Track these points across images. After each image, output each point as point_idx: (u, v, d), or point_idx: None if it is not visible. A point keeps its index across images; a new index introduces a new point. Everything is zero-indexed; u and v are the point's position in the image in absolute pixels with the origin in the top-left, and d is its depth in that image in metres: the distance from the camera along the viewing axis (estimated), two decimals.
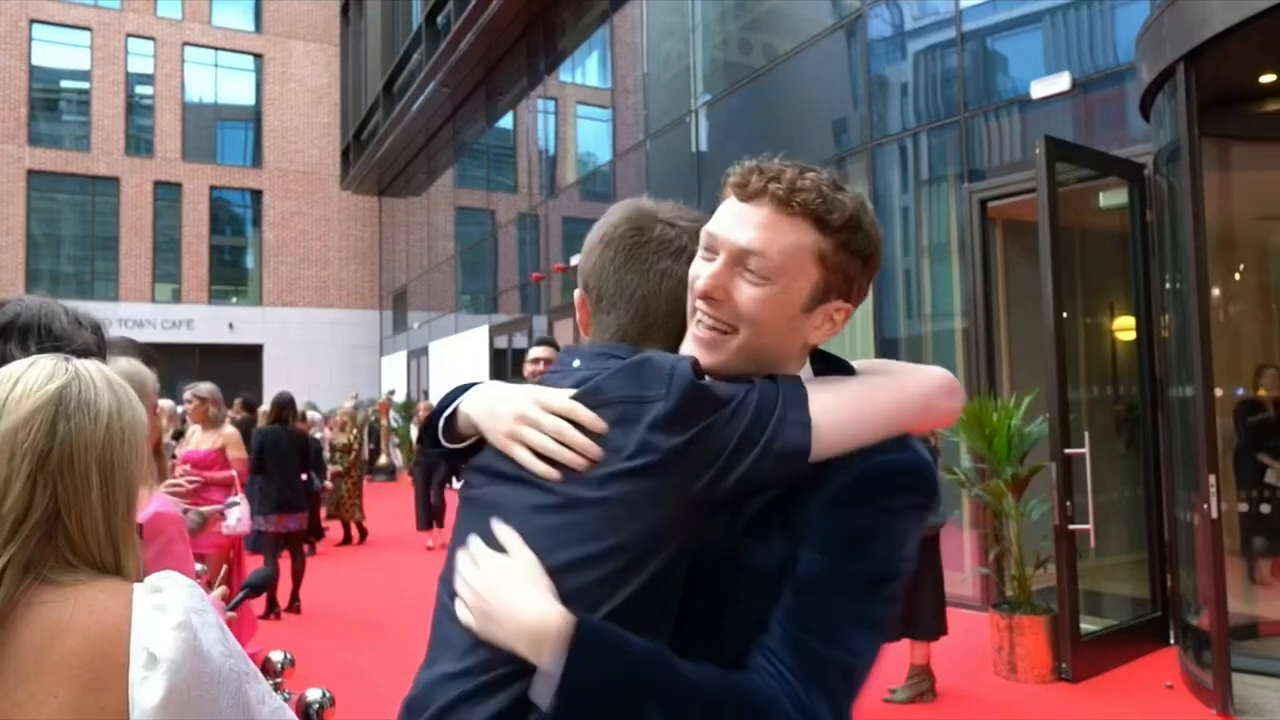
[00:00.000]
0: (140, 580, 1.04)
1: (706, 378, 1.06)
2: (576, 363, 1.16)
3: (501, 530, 1.06)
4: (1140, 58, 5.23)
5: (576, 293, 1.24)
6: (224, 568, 2.04)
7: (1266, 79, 5.27)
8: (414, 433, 9.62)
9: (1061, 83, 6.61)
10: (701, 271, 1.09)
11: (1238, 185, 5.95)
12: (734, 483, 1.03)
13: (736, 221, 1.08)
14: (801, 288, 1.07)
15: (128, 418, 1.08)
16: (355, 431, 11.06)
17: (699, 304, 1.09)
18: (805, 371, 1.16)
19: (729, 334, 1.08)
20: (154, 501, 1.78)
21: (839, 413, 1.06)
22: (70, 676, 0.94)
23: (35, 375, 1.04)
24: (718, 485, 1.02)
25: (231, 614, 1.89)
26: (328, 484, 8.71)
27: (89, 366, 1.09)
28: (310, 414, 11.61)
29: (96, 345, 1.44)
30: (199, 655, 0.98)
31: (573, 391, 1.08)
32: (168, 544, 1.68)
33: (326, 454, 10.45)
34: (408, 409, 17.12)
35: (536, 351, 4.17)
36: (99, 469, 1.03)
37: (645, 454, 1.01)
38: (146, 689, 0.94)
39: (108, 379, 1.09)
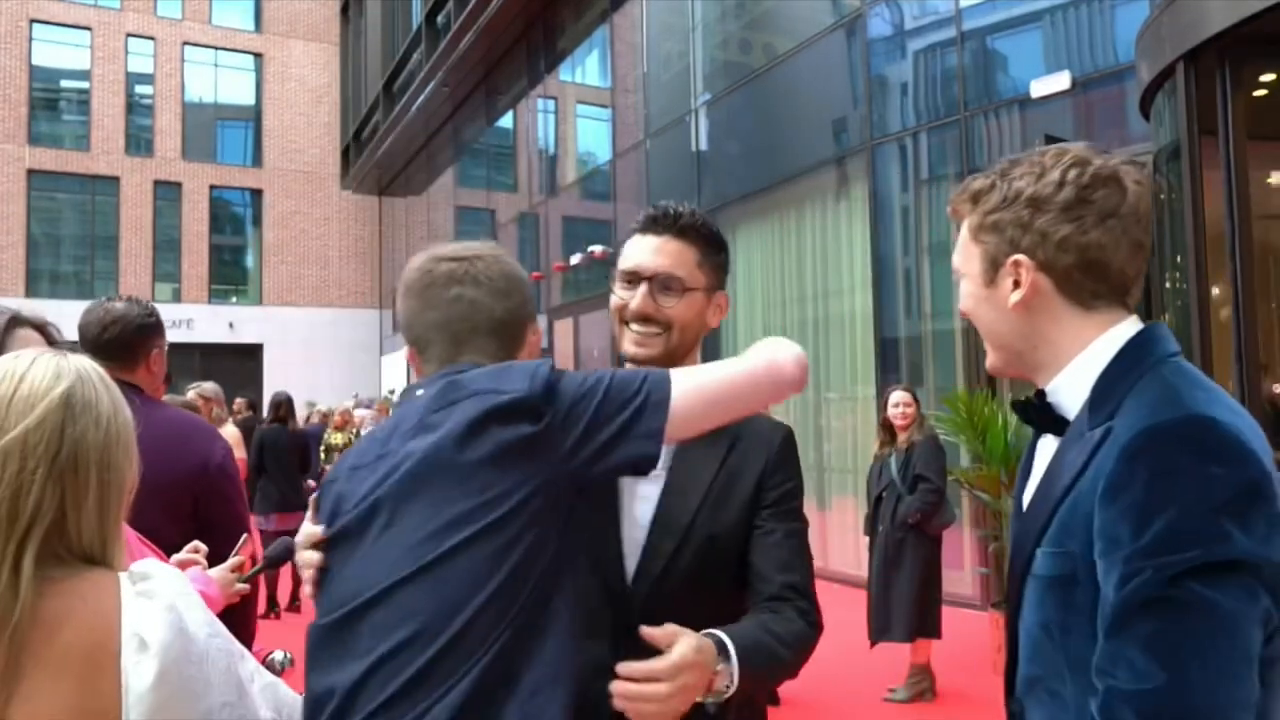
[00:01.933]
0: (124, 569, 1.07)
1: (561, 375, 1.25)
2: (420, 392, 1.31)
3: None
4: (1140, 57, 5.24)
5: (405, 349, 1.47)
6: (243, 537, 2.03)
7: (1266, 78, 5.27)
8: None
9: (1061, 82, 6.61)
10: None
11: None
12: (591, 456, 1.21)
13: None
14: (973, 268, 1.23)
15: (122, 419, 1.11)
16: (355, 430, 10.97)
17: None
18: (1108, 345, 1.21)
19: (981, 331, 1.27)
20: None
21: (694, 394, 1.25)
22: (68, 667, 0.97)
23: (40, 374, 1.06)
24: (575, 458, 1.20)
25: (244, 586, 1.90)
26: (310, 482, 8.70)
27: (85, 365, 1.11)
28: (319, 407, 11.53)
29: None
30: (186, 636, 1.01)
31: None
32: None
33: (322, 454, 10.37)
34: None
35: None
36: (99, 470, 1.06)
37: (520, 431, 1.19)
38: (139, 672, 0.98)
39: (103, 379, 1.12)
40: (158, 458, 2.26)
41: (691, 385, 1.26)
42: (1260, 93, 5.30)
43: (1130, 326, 1.15)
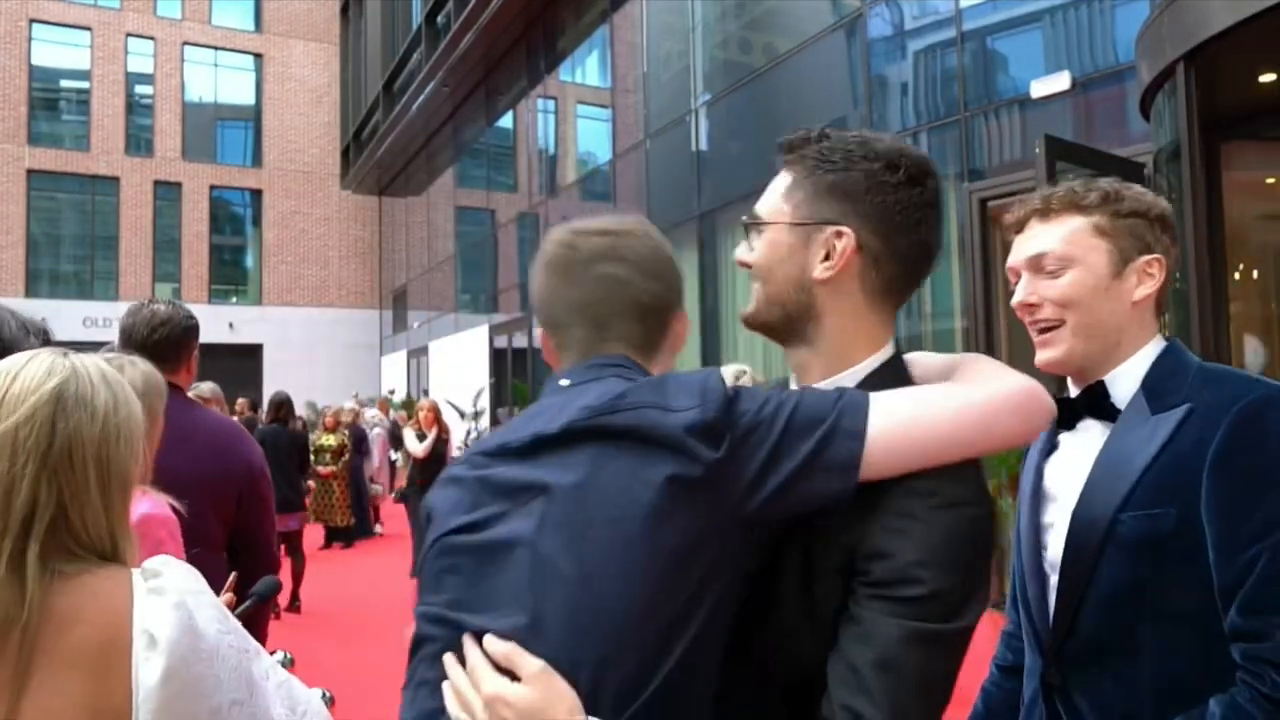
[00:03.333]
0: (138, 566, 1.08)
1: (737, 390, 1.02)
2: (565, 381, 1.13)
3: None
4: (1140, 57, 5.23)
5: (538, 332, 1.24)
6: (232, 575, 2.03)
7: (1266, 78, 5.27)
8: (409, 438, 9.15)
9: (1061, 82, 6.61)
10: (1015, 295, 1.36)
11: (1238, 185, 5.94)
12: (772, 494, 0.96)
13: (1020, 247, 1.36)
14: (1097, 260, 1.31)
15: (124, 414, 1.11)
16: (347, 431, 10.88)
17: (1027, 320, 1.36)
18: (1154, 345, 1.33)
19: (1059, 326, 1.32)
20: (143, 502, 1.76)
21: (893, 432, 0.97)
22: (80, 664, 0.98)
23: (34, 371, 1.06)
24: (755, 497, 0.96)
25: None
26: (310, 483, 8.63)
27: (85, 362, 1.12)
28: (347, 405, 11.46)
29: None
30: (195, 633, 1.01)
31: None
32: (158, 545, 1.69)
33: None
34: (408, 408, 16.99)
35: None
36: (96, 464, 1.06)
37: (687, 467, 0.96)
38: (148, 669, 0.98)
39: (104, 375, 1.12)
40: (215, 457, 2.31)
41: (901, 410, 0.99)
42: None
43: (1161, 338, 1.36)
